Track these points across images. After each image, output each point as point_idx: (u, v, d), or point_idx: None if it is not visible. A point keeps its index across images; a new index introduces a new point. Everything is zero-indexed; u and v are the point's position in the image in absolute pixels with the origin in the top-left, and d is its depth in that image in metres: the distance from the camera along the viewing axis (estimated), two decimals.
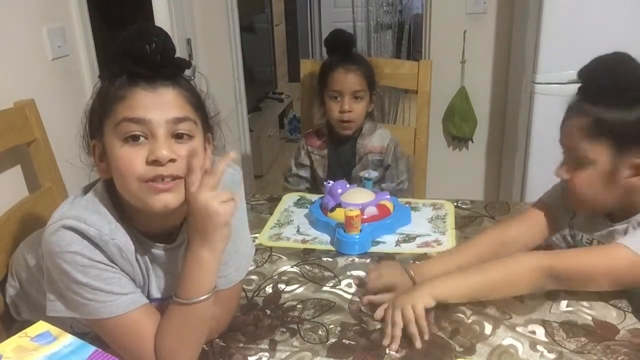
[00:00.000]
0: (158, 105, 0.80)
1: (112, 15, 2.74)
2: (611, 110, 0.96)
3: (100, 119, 0.83)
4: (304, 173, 1.70)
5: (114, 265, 0.83)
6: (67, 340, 0.70)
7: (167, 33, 0.81)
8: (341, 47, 1.59)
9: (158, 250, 0.90)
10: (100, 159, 0.85)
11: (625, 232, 1.01)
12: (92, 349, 0.68)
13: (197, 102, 0.86)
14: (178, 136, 0.81)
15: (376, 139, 1.62)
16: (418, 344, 0.91)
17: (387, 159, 1.63)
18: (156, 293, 0.92)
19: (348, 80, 1.54)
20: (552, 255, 1.02)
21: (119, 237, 0.84)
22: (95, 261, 0.81)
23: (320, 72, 1.63)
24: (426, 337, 0.93)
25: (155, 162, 0.78)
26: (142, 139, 0.79)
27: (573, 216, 1.14)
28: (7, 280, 1.13)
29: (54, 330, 0.71)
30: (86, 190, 0.89)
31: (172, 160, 0.79)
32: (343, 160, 1.62)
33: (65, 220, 0.81)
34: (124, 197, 0.84)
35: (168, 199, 0.80)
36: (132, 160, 0.79)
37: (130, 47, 0.78)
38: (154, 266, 0.90)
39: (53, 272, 0.83)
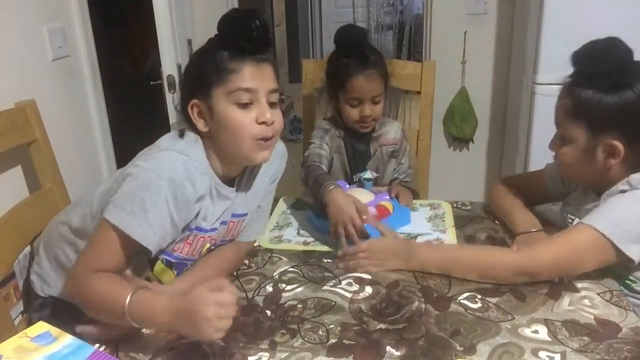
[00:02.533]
0: (262, 77, 0.99)
1: (113, 15, 2.75)
2: (591, 93, 1.03)
3: (209, 84, 0.98)
4: (325, 153, 1.55)
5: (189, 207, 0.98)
6: (67, 340, 0.70)
7: (265, 16, 0.99)
8: (354, 46, 1.49)
9: (227, 192, 1.07)
10: (200, 115, 1.01)
11: None
12: (91, 349, 0.69)
13: (277, 76, 1.05)
14: (271, 104, 1.01)
15: (389, 131, 1.60)
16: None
17: (400, 149, 1.62)
18: (205, 225, 1.05)
19: (369, 87, 1.46)
20: (524, 255, 1.10)
21: (206, 180, 1.01)
22: (166, 190, 0.93)
23: (332, 70, 1.52)
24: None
25: (263, 123, 0.99)
26: (249, 105, 0.98)
27: (570, 191, 1.22)
28: (33, 260, 1.23)
29: (54, 330, 0.72)
30: (178, 134, 1.04)
31: (272, 122, 1.00)
32: (357, 151, 1.58)
33: (173, 150, 0.98)
34: (219, 148, 1.02)
35: (267, 154, 1.03)
36: (246, 122, 0.98)
37: (243, 28, 0.97)
38: (215, 202, 1.05)
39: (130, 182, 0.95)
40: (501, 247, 1.23)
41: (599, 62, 1.03)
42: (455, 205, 1.48)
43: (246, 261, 1.22)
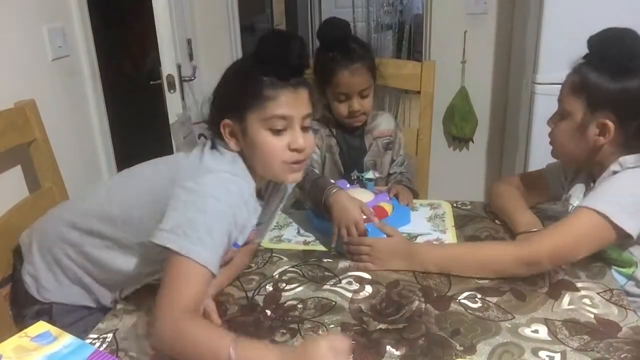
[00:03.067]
0: (297, 103, 0.98)
1: (113, 15, 2.75)
2: (599, 74, 1.08)
3: (244, 108, 0.98)
4: (316, 157, 1.55)
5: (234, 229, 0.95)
6: (67, 340, 0.70)
7: (303, 39, 0.99)
8: (337, 40, 1.47)
9: (257, 206, 1.06)
10: (232, 135, 1.01)
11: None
12: (91, 348, 0.69)
13: (314, 98, 1.05)
14: (304, 128, 1.01)
15: (382, 123, 1.59)
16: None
17: (395, 141, 1.60)
18: (241, 240, 1.03)
19: (355, 81, 1.44)
20: (523, 246, 1.13)
21: (253, 200, 1.02)
22: (229, 215, 0.93)
23: (319, 65, 1.49)
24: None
25: (295, 150, 1.00)
26: (283, 131, 0.99)
27: (571, 180, 1.26)
28: (22, 264, 1.16)
29: (54, 330, 0.72)
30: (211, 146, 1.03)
31: (304, 149, 1.01)
32: (352, 147, 1.57)
33: (230, 172, 0.98)
34: (250, 166, 1.02)
35: (298, 176, 1.05)
36: (279, 147, 0.99)
37: (282, 51, 0.95)
38: (252, 217, 1.04)
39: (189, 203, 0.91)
40: (501, 241, 1.25)
41: (611, 47, 1.07)
42: (455, 205, 1.47)
43: None
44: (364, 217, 1.23)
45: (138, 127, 2.60)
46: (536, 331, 0.94)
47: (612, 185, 1.08)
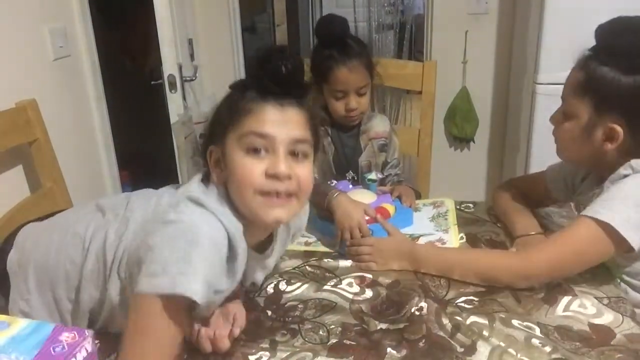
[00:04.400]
0: (284, 123, 0.84)
1: (114, 15, 2.75)
2: (607, 70, 0.98)
3: (224, 128, 0.86)
4: None
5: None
6: (23, 323, 0.67)
7: (299, 56, 0.87)
8: (336, 38, 1.46)
9: (254, 260, 0.95)
10: (216, 164, 0.88)
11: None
12: (52, 325, 0.66)
13: (313, 124, 0.90)
14: (294, 154, 0.85)
15: (377, 124, 1.59)
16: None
17: (390, 144, 1.60)
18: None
19: (352, 78, 1.43)
20: (520, 258, 1.08)
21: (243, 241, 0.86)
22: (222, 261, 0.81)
23: (316, 63, 1.48)
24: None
25: (274, 177, 0.83)
26: (263, 152, 0.83)
27: (582, 180, 1.19)
28: (8, 291, 0.96)
29: (3, 317, 0.69)
30: (201, 179, 0.90)
31: (288, 177, 0.83)
32: (347, 146, 1.57)
33: (211, 205, 0.83)
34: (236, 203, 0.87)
35: (281, 213, 0.85)
36: (252, 171, 0.83)
37: (268, 64, 0.83)
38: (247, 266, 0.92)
39: (185, 247, 0.77)
40: (502, 251, 1.21)
41: (623, 38, 0.97)
42: (458, 207, 1.46)
43: None
44: (367, 217, 1.24)
45: (139, 127, 2.60)
46: (529, 327, 0.95)
47: (618, 191, 0.99)
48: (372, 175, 1.48)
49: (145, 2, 1.79)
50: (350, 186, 1.42)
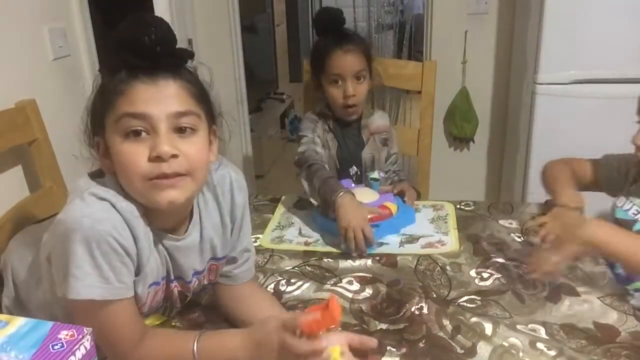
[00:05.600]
0: (159, 99, 0.77)
1: (113, 15, 2.74)
2: None
3: (101, 115, 0.80)
4: (320, 149, 1.50)
5: (130, 254, 0.80)
6: (21, 321, 0.67)
7: (167, 22, 0.76)
8: (332, 26, 1.49)
9: (170, 242, 0.88)
10: (104, 155, 0.82)
11: None
12: (50, 323, 0.67)
13: (201, 94, 0.82)
14: (181, 130, 0.78)
15: (377, 119, 1.59)
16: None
17: (390, 138, 1.61)
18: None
19: (348, 61, 1.43)
20: None
21: (141, 224, 0.82)
22: (118, 246, 0.78)
23: (314, 54, 1.52)
24: None
25: (157, 159, 0.76)
26: (143, 134, 0.76)
27: (633, 182, 1.16)
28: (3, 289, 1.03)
29: (1, 316, 0.69)
30: (92, 177, 0.86)
31: (175, 156, 0.77)
32: (350, 142, 1.57)
33: (94, 190, 0.79)
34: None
35: (174, 195, 0.79)
36: (135, 157, 0.77)
37: (128, 38, 0.75)
38: (169, 255, 0.89)
39: (68, 248, 0.76)
40: None
41: None
42: (458, 206, 1.47)
43: None
44: (370, 216, 1.25)
45: None
46: (534, 330, 0.95)
47: None
48: (375, 174, 1.48)
49: (145, 2, 1.79)
50: (353, 185, 1.42)
